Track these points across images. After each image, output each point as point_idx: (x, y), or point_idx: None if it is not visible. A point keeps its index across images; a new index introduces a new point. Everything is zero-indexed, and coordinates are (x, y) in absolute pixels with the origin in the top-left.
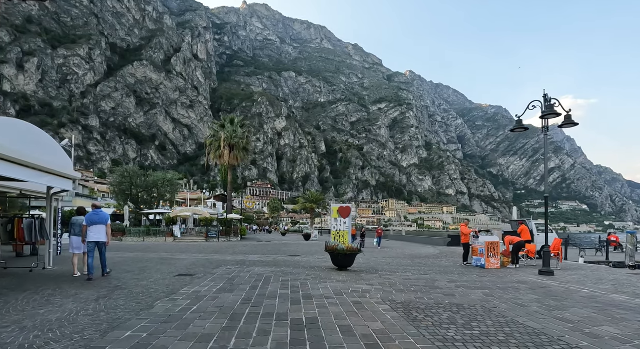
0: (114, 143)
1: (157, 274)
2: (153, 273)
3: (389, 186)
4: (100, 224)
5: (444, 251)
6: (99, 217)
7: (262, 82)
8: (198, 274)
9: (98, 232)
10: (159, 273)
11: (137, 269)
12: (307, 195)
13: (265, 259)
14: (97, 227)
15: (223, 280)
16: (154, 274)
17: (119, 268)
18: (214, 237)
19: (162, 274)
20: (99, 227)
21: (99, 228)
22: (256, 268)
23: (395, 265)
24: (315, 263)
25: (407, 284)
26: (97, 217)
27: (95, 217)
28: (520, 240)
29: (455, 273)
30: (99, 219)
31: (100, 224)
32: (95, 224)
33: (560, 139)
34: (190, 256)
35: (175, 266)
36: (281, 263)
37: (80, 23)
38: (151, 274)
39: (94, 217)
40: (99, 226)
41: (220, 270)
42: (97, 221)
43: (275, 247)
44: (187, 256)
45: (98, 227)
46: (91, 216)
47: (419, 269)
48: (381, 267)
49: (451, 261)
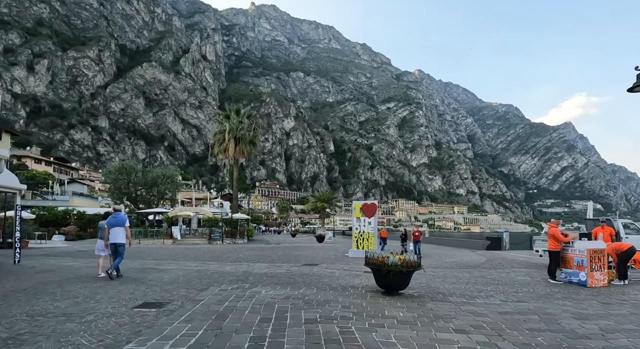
0: (123, 144)
1: (111, 303)
2: (107, 299)
3: (399, 186)
4: (118, 227)
5: (491, 257)
6: (117, 220)
7: (270, 83)
8: (173, 302)
9: (116, 234)
10: (118, 297)
11: (89, 290)
12: (317, 194)
13: (276, 272)
14: (116, 230)
15: (206, 320)
16: (106, 302)
17: (71, 285)
18: (218, 239)
19: (119, 303)
20: (118, 230)
21: (117, 230)
22: (263, 289)
23: (455, 281)
24: (345, 279)
25: (519, 327)
26: (115, 220)
27: (114, 220)
28: (630, 247)
29: (558, 296)
30: (116, 221)
31: (118, 226)
32: (114, 227)
33: (572, 137)
34: (181, 265)
35: (149, 284)
36: (297, 277)
37: (90, 25)
38: (103, 300)
39: (113, 220)
40: (118, 228)
41: (208, 294)
42: (115, 224)
43: (286, 252)
44: (176, 265)
45: (116, 230)
46: (110, 220)
47: (498, 290)
48: (440, 285)
49: (519, 273)
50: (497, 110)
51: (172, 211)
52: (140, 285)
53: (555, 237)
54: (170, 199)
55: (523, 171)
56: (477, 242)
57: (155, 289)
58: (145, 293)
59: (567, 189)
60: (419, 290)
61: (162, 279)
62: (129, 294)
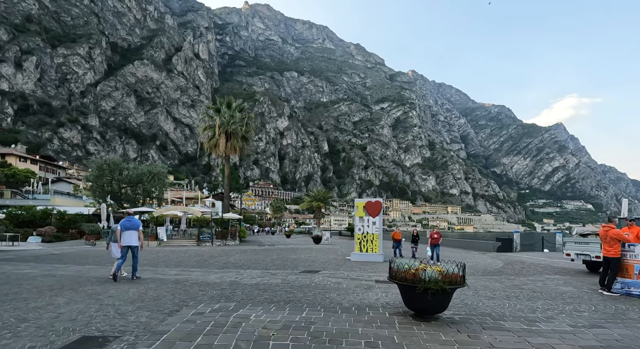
0: (113, 143)
1: (36, 337)
2: (34, 329)
3: (393, 186)
4: (132, 230)
5: (507, 261)
6: (132, 224)
7: (264, 82)
8: (124, 336)
9: (130, 237)
10: (50, 326)
11: (21, 311)
12: (312, 193)
13: (270, 282)
14: (130, 233)
15: None
16: (28, 337)
17: (1, 304)
18: (207, 241)
19: (45, 337)
20: (132, 233)
21: (131, 234)
22: (253, 312)
23: (492, 295)
24: (356, 293)
25: None
26: (129, 224)
27: (128, 223)
28: None
29: (633, 316)
30: (131, 225)
31: (132, 230)
32: (128, 230)
33: (564, 138)
34: (158, 273)
35: (104, 303)
36: (296, 290)
37: (81, 22)
38: (27, 330)
39: (127, 224)
40: (132, 232)
41: (177, 320)
42: (130, 227)
43: (281, 255)
44: (152, 273)
45: (131, 233)
46: (124, 222)
47: (553, 307)
48: (477, 302)
49: (555, 281)
50: (490, 111)
51: (158, 210)
52: (92, 304)
53: (618, 241)
54: (157, 197)
55: (515, 171)
56: (486, 244)
57: (108, 312)
58: (91, 318)
59: (559, 189)
60: (456, 310)
61: (125, 295)
62: (70, 320)
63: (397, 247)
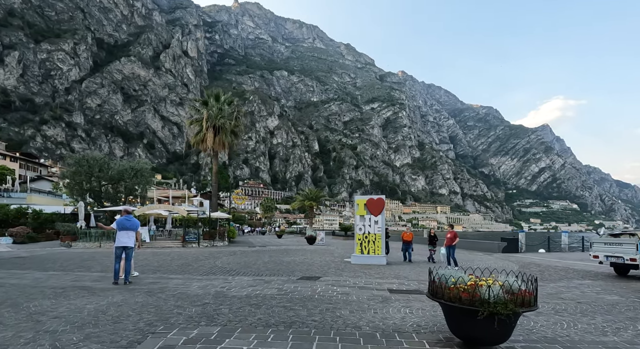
0: (99, 141)
1: None
2: None
3: (383, 186)
4: (131, 230)
5: (520, 263)
6: (130, 223)
7: (253, 81)
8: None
9: (128, 237)
10: None
11: None
12: (304, 192)
13: (263, 293)
14: (128, 233)
15: None
16: None
17: None
18: (193, 242)
19: None
20: (130, 233)
21: (129, 234)
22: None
23: None
24: (373, 310)
25: None
26: (128, 223)
27: (127, 222)
28: None
29: None
30: (130, 225)
31: (131, 230)
32: (125, 230)
33: (550, 139)
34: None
35: (42, 330)
36: (297, 305)
37: (65, 17)
38: None
39: (125, 223)
40: (130, 232)
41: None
42: (129, 227)
43: (274, 258)
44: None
45: (128, 233)
46: (122, 221)
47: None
48: (528, 320)
49: (590, 287)
50: (478, 112)
51: (140, 209)
52: (25, 330)
53: None
54: (140, 196)
55: (503, 171)
56: (491, 245)
57: (40, 345)
58: None
59: (545, 190)
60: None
61: (76, 315)
62: None
63: (406, 250)
